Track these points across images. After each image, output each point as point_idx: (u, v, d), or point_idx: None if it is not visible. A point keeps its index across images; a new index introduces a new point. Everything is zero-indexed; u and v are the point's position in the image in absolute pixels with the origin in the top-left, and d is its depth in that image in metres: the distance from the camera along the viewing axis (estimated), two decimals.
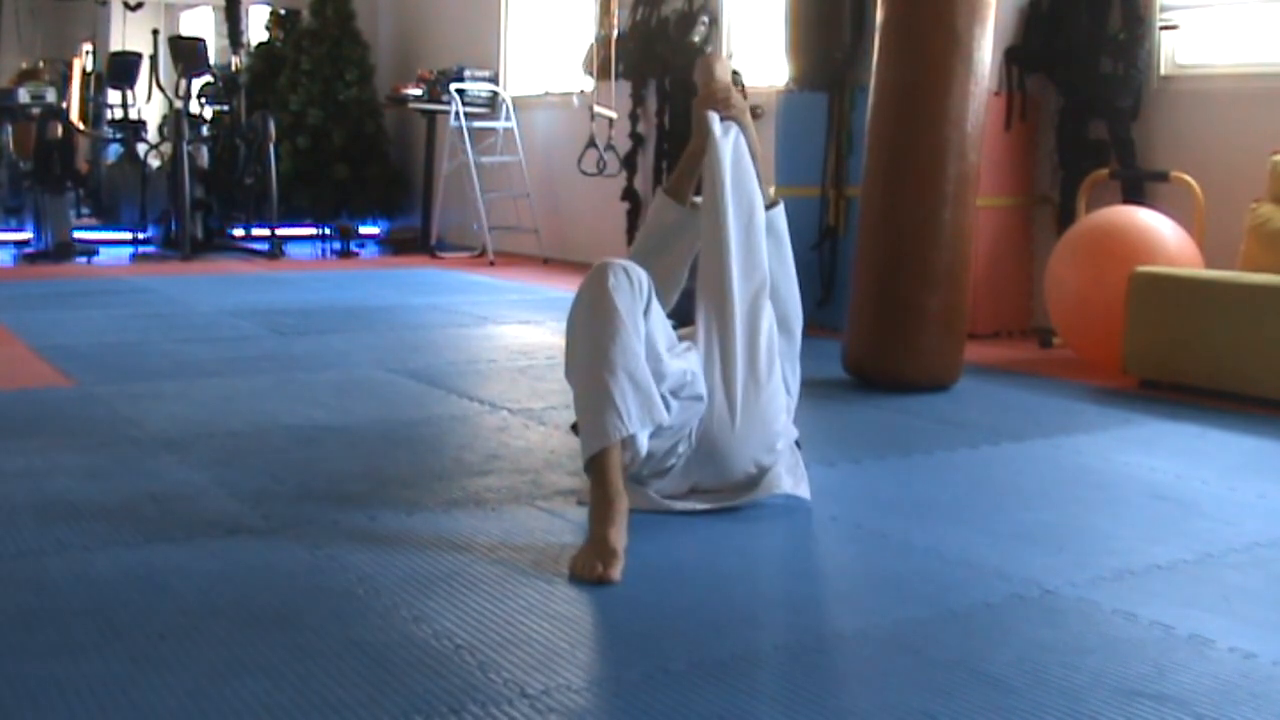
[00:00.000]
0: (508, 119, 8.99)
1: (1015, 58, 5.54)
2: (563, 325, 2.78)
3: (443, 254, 8.99)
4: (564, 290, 6.97)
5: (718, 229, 2.83)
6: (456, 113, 8.81)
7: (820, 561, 2.55)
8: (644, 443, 2.63)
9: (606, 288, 2.58)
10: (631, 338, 2.57)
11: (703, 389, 2.74)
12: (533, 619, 2.15)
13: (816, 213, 5.72)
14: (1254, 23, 5.12)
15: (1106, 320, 4.46)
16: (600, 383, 2.53)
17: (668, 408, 2.64)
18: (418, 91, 9.21)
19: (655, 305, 2.68)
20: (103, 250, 8.65)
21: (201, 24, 13.79)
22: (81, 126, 10.21)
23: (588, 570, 2.35)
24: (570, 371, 2.70)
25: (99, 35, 13.04)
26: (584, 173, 7.76)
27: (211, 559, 2.43)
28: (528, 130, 8.99)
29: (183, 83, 9.44)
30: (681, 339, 2.98)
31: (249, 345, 4.97)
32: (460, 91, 8.90)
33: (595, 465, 2.53)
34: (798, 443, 2.93)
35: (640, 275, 2.65)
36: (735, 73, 7.09)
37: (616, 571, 2.35)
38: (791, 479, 2.83)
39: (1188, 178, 4.89)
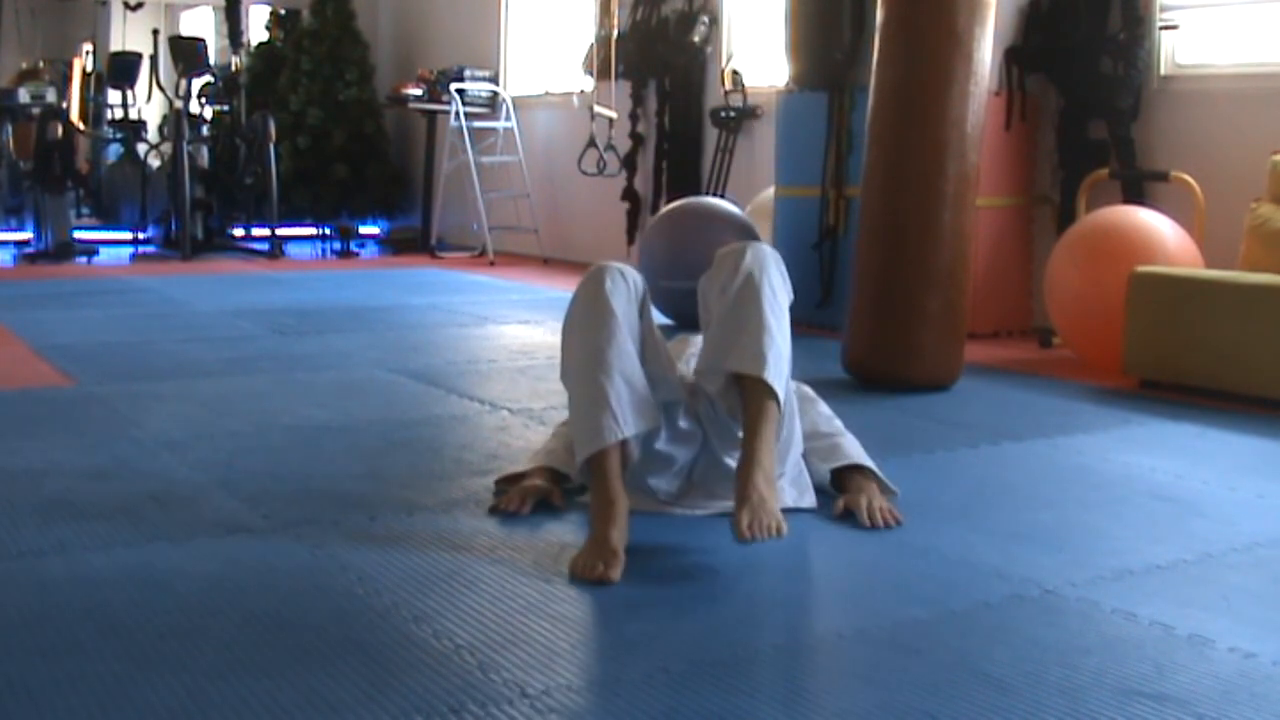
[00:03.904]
0: (508, 119, 8.99)
1: (1015, 58, 5.54)
2: (561, 324, 2.78)
3: (443, 254, 9.00)
4: (564, 290, 6.96)
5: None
6: (456, 113, 8.82)
7: (820, 561, 2.55)
8: (636, 449, 2.64)
9: (603, 290, 2.59)
10: (627, 341, 2.57)
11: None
12: (533, 619, 2.15)
13: (816, 213, 5.72)
14: (1254, 23, 5.12)
15: (1106, 320, 4.46)
16: (595, 385, 2.53)
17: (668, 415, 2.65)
18: (418, 91, 9.22)
19: (650, 309, 2.69)
20: (103, 250, 8.65)
21: (201, 24, 13.79)
22: (81, 126, 10.20)
23: (588, 570, 2.35)
24: (565, 373, 2.70)
25: (99, 35, 13.03)
26: (584, 173, 7.76)
27: (211, 559, 2.43)
28: (528, 130, 8.99)
29: (183, 83, 9.43)
30: (681, 342, 2.99)
31: (249, 345, 4.97)
32: (460, 91, 8.90)
33: (593, 467, 2.53)
34: (804, 455, 2.92)
35: (636, 278, 2.66)
36: (735, 73, 7.14)
37: (616, 572, 2.35)
38: (795, 490, 2.82)
39: (1188, 178, 4.89)
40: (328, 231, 9.39)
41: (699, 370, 2.67)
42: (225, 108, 9.49)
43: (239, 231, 9.23)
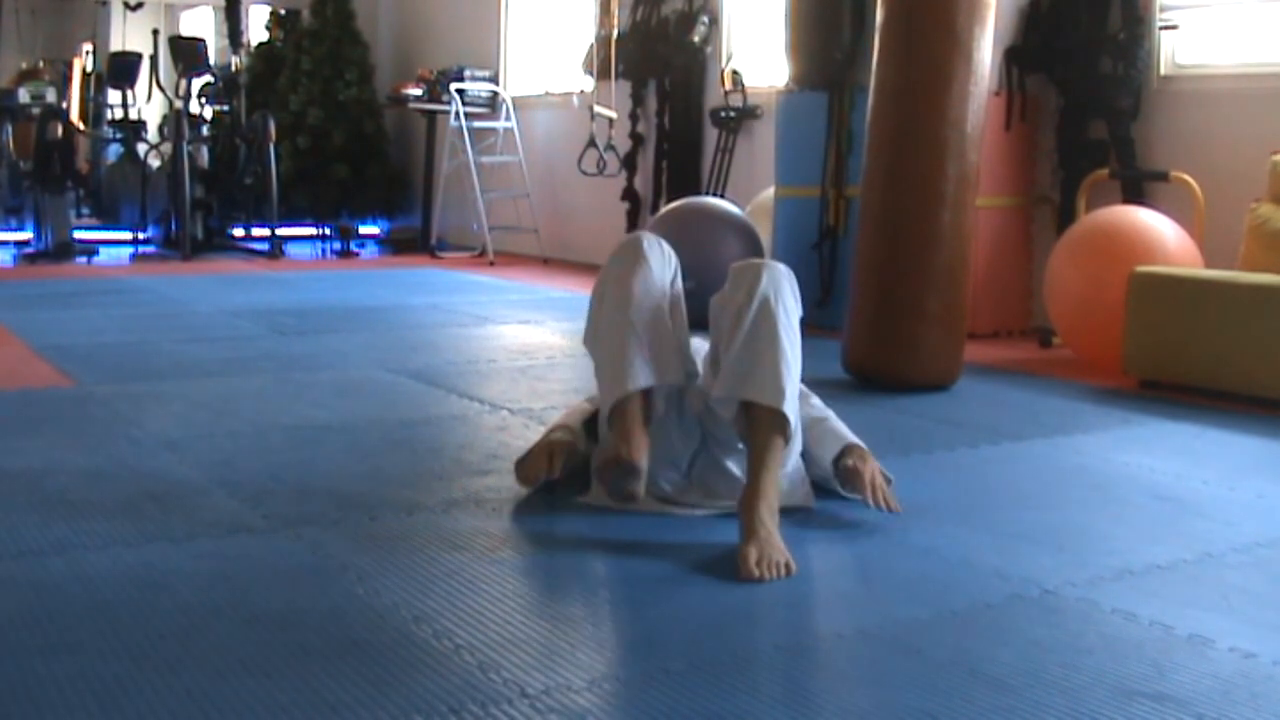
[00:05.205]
0: (508, 119, 8.99)
1: (1015, 58, 5.54)
2: (562, 325, 2.80)
3: (443, 254, 9.00)
4: (564, 290, 6.98)
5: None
6: (456, 113, 8.82)
7: (820, 561, 2.55)
8: (661, 404, 2.68)
9: (642, 249, 2.70)
10: (661, 297, 2.67)
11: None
12: (533, 619, 2.15)
13: (816, 213, 5.72)
14: (1254, 23, 5.12)
15: (1106, 320, 4.46)
16: (627, 330, 2.61)
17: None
18: (418, 91, 9.22)
19: (680, 283, 2.79)
20: (103, 250, 8.65)
21: (201, 24, 13.79)
22: (81, 126, 10.21)
23: (616, 493, 2.49)
24: (593, 329, 2.73)
25: (99, 35, 13.04)
26: (584, 173, 7.76)
27: (211, 559, 2.43)
28: (528, 130, 8.99)
29: (183, 83, 9.44)
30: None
31: (249, 345, 4.97)
32: (460, 91, 8.90)
33: (615, 415, 2.59)
34: (803, 455, 2.92)
35: (671, 251, 2.77)
36: (735, 73, 7.14)
37: (640, 487, 2.46)
38: (794, 489, 2.82)
39: (1188, 178, 4.89)
40: (328, 231, 9.39)
41: (716, 398, 2.65)
42: (225, 108, 9.49)
43: (239, 231, 9.22)
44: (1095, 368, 4.66)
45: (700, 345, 2.98)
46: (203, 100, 9.60)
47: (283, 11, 10.72)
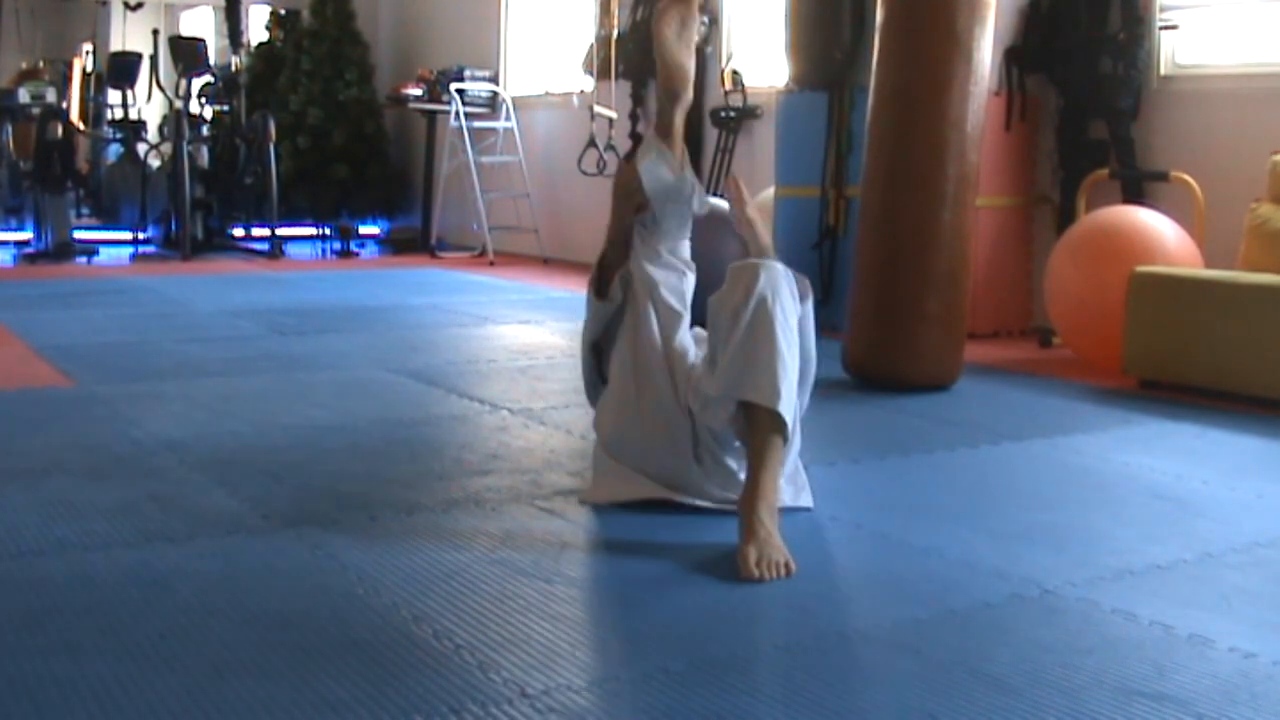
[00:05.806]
0: (508, 119, 8.99)
1: (1015, 58, 5.55)
2: (562, 325, 2.80)
3: (443, 254, 9.00)
4: (564, 290, 6.97)
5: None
6: (456, 113, 8.82)
7: (820, 561, 2.55)
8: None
9: None
10: None
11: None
12: (533, 619, 2.15)
13: (816, 213, 5.72)
14: (1254, 23, 5.12)
15: (1106, 320, 4.46)
16: None
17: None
18: (418, 91, 9.22)
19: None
20: (103, 250, 8.65)
21: (201, 24, 13.79)
22: (81, 126, 10.20)
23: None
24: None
25: (99, 35, 13.04)
26: (584, 173, 7.76)
27: (211, 559, 2.43)
28: (528, 130, 8.99)
29: (183, 83, 9.44)
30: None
31: (249, 345, 4.98)
32: (460, 91, 8.91)
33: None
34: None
35: None
36: (735, 73, 7.14)
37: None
38: (792, 489, 2.81)
39: (1188, 178, 4.89)
40: (328, 231, 9.39)
41: (713, 397, 2.64)
42: (225, 108, 9.49)
43: (239, 231, 9.23)
44: (1095, 368, 4.66)
45: (700, 333, 2.98)
46: (203, 100, 9.60)
47: (283, 11, 10.73)
